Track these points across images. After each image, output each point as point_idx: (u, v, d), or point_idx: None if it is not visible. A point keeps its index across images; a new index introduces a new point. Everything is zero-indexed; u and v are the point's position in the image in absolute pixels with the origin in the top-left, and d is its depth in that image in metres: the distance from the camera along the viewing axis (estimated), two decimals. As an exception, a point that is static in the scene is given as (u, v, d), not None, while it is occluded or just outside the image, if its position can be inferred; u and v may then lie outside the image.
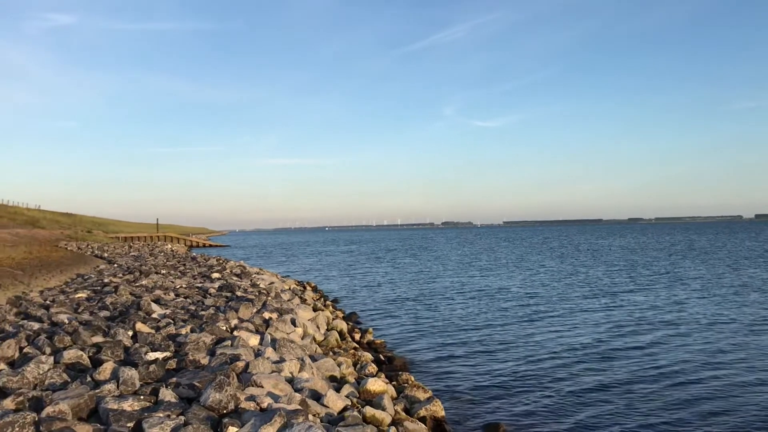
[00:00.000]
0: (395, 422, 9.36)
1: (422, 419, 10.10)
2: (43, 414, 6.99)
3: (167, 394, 7.91)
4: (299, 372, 10.56)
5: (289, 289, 25.79)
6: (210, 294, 19.53)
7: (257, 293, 20.18)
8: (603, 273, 40.66)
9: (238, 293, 19.52)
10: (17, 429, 6.56)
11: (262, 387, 8.89)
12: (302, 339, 14.68)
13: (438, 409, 10.56)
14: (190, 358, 10.00)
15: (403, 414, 10.14)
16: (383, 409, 9.65)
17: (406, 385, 12.05)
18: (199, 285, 22.29)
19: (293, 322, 15.62)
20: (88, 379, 8.61)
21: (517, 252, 73.75)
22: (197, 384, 8.38)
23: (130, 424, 7.04)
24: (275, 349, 11.75)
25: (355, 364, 13.51)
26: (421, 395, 11.19)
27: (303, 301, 23.17)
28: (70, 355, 9.64)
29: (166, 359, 10.03)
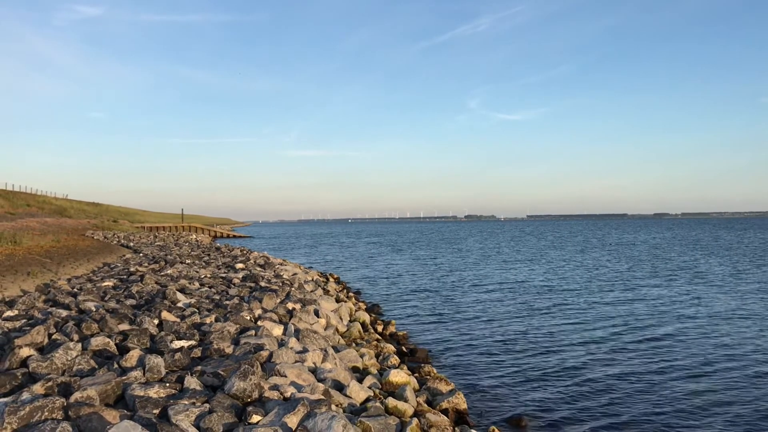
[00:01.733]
0: (417, 414, 9.38)
1: (444, 411, 10.11)
2: (72, 399, 7.12)
3: (192, 382, 8.00)
4: (322, 362, 10.62)
5: (312, 280, 25.90)
6: (234, 284, 19.68)
7: (281, 284, 20.30)
8: (626, 268, 40.30)
9: (262, 284, 19.65)
10: (46, 413, 6.68)
11: (285, 376, 8.96)
12: (325, 330, 14.76)
13: (460, 401, 10.56)
14: (215, 346, 10.10)
15: (425, 406, 10.14)
16: (405, 401, 9.68)
17: (428, 377, 12.06)
18: (224, 275, 22.47)
19: (316, 313, 15.71)
20: (115, 366, 8.74)
21: (540, 245, 73.32)
22: (222, 372, 8.47)
23: (156, 411, 7.14)
24: (298, 340, 11.83)
25: (377, 356, 13.56)
26: (444, 387, 11.19)
27: (326, 292, 23.27)
28: (97, 342, 9.79)
29: (191, 348, 10.15)
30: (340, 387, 9.53)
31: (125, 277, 20.98)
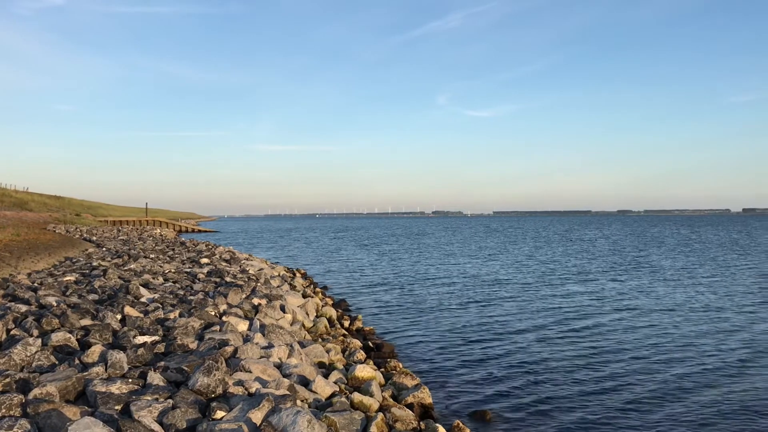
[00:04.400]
0: (383, 408, 9.40)
1: (410, 406, 10.15)
2: (30, 396, 6.98)
3: (155, 378, 7.91)
4: (288, 358, 10.59)
5: (279, 275, 25.78)
6: (199, 279, 19.49)
7: (246, 279, 20.16)
8: (587, 262, 40.97)
9: (227, 279, 19.49)
10: (4, 410, 6.55)
11: (250, 372, 8.91)
12: (291, 325, 14.71)
13: (425, 396, 10.61)
14: (179, 342, 10.00)
15: (391, 400, 10.18)
16: (371, 396, 9.70)
17: (394, 372, 12.10)
18: (188, 270, 22.23)
19: (282, 309, 15.64)
20: (76, 361, 8.60)
21: (506, 241, 74.02)
22: (185, 368, 8.39)
23: (118, 407, 7.04)
24: (264, 335, 11.77)
25: (343, 351, 13.56)
26: (409, 382, 11.23)
27: (292, 287, 23.18)
28: (58, 337, 9.62)
29: (154, 343, 10.03)
30: (305, 382, 9.51)
31: (88, 271, 20.64)
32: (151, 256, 28.83)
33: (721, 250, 54.91)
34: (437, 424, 8.80)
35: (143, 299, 14.49)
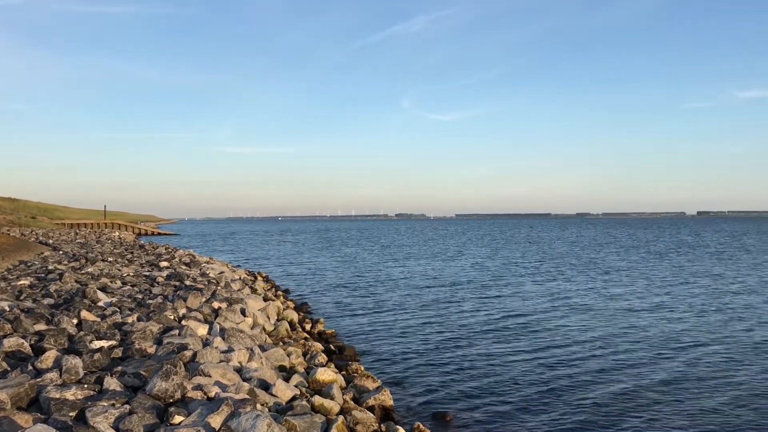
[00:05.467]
0: (344, 411, 9.39)
1: (371, 408, 10.16)
2: (-19, 403, 6.81)
3: (112, 383, 7.78)
4: (248, 362, 10.51)
5: (240, 278, 25.56)
6: (158, 283, 19.22)
7: (206, 282, 19.95)
8: (543, 263, 41.61)
9: (187, 282, 19.26)
10: (-47, 418, 6.37)
11: (209, 376, 8.82)
12: (252, 329, 14.60)
13: (386, 398, 10.64)
14: (137, 346, 9.85)
15: (352, 403, 10.18)
16: (332, 399, 9.68)
17: (355, 374, 12.09)
18: (147, 273, 21.91)
19: (243, 312, 15.51)
20: (30, 367, 8.39)
21: (467, 243, 74.59)
22: (143, 373, 8.27)
23: (73, 413, 6.90)
24: (224, 339, 11.66)
25: (305, 354, 13.51)
26: (371, 385, 11.25)
27: (253, 291, 23.00)
28: (10, 343, 9.38)
29: (111, 348, 9.86)
30: (265, 386, 9.45)
31: (43, 275, 20.17)
32: (110, 259, 28.33)
33: (673, 251, 56.32)
34: (398, 427, 8.84)
35: (101, 303, 14.24)
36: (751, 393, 12.19)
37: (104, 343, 10.03)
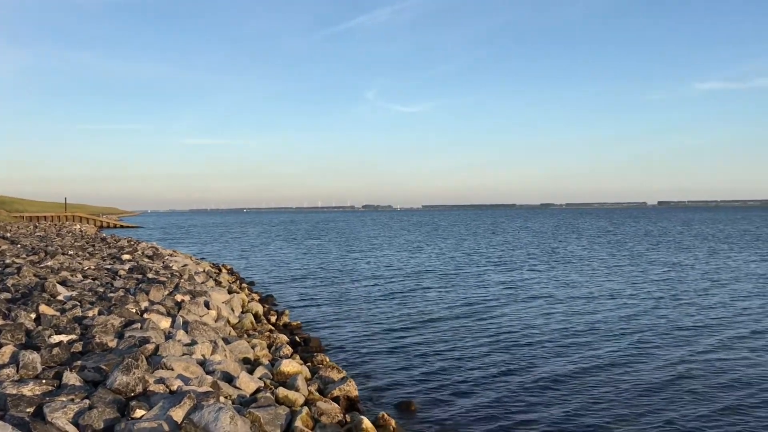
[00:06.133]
0: (308, 402, 9.40)
1: (336, 399, 10.18)
2: (-65, 400, 6.65)
3: (71, 378, 7.66)
4: (211, 354, 10.44)
5: (204, 271, 25.32)
6: (120, 276, 18.95)
7: (169, 275, 19.72)
8: (514, 254, 42.09)
9: (150, 275, 19.03)
10: None
11: (172, 369, 8.74)
12: (216, 321, 14.48)
13: (351, 388, 10.67)
14: (97, 340, 9.71)
15: (317, 394, 10.19)
16: (296, 390, 9.68)
17: (321, 366, 12.10)
18: (109, 266, 21.59)
19: (207, 305, 15.37)
20: (-15, 363, 8.23)
21: (433, 234, 74.98)
22: (104, 367, 8.17)
23: (30, 410, 6.78)
24: (187, 332, 11.55)
25: (269, 346, 13.46)
26: (336, 375, 11.27)
27: (218, 283, 22.81)
28: (-35, 339, 9.18)
29: (71, 342, 9.71)
30: (229, 379, 9.40)
31: (0, 269, 19.72)
32: (70, 252, 27.83)
33: (632, 239, 57.44)
34: (362, 417, 8.87)
35: (60, 297, 13.99)
36: (697, 369, 12.85)
37: (64, 338, 9.87)
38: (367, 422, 8.70)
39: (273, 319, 18.05)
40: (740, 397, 11.21)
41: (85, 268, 20.93)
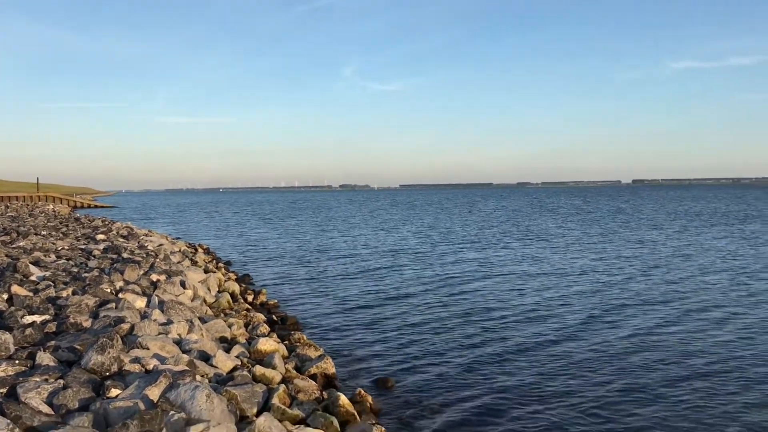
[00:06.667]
0: (285, 380, 9.43)
1: (313, 377, 10.23)
2: None
3: (45, 358, 7.60)
4: (188, 333, 10.41)
5: (180, 251, 25.15)
6: (94, 256, 18.76)
7: (145, 255, 19.58)
8: (490, 232, 42.38)
9: (125, 255, 18.87)
10: None
11: (147, 349, 8.71)
12: (192, 301, 14.43)
13: (329, 366, 10.72)
14: (72, 321, 9.63)
15: (294, 372, 10.22)
16: (273, 368, 9.70)
17: (298, 344, 12.12)
18: (83, 246, 21.36)
19: (182, 284, 15.29)
20: (-43, 344, 8.13)
21: (410, 213, 75.16)
22: (78, 347, 8.11)
23: (3, 390, 6.72)
24: (163, 311, 11.50)
25: (246, 325, 13.44)
26: (313, 353, 11.31)
27: (194, 263, 22.68)
28: (-64, 320, 9.05)
29: (44, 322, 9.62)
30: (206, 357, 9.39)
31: (-30, 250, 19.42)
32: (43, 232, 27.47)
33: (607, 217, 58.18)
34: (339, 393, 8.92)
35: (33, 277, 13.84)
36: (664, 339, 13.24)
37: (37, 318, 9.78)
38: (344, 399, 8.76)
39: (250, 298, 18.02)
40: (703, 364, 11.63)
41: (59, 248, 20.69)
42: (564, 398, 10.13)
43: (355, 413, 8.64)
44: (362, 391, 9.57)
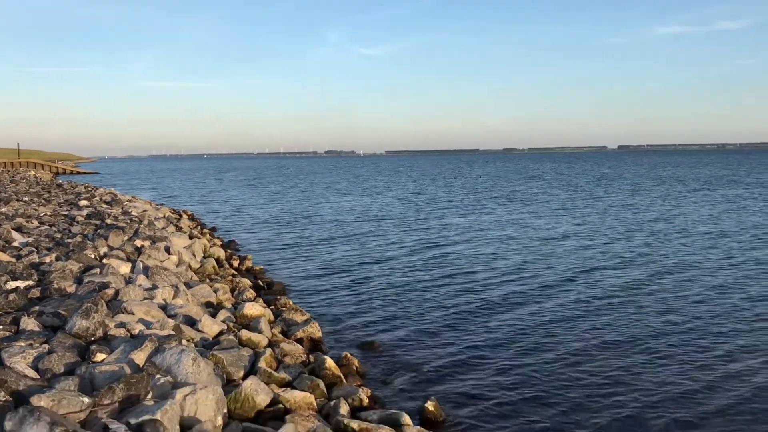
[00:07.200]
0: (272, 344, 9.47)
1: (299, 340, 10.28)
2: None
3: (29, 323, 7.58)
4: (173, 299, 10.40)
5: (164, 217, 25.02)
6: (77, 222, 18.62)
7: (129, 221, 19.46)
8: (473, 197, 42.50)
9: (108, 221, 18.73)
10: None
11: (132, 314, 8.69)
12: (177, 266, 14.39)
13: (315, 330, 10.78)
14: (56, 286, 9.59)
15: (280, 336, 10.27)
16: (260, 332, 9.74)
17: (284, 309, 12.17)
18: (66, 213, 21.18)
19: (167, 250, 15.23)
20: (-61, 310, 8.08)
21: (394, 179, 75.09)
22: (62, 312, 8.08)
23: (-12, 355, 6.70)
24: (148, 277, 11.46)
25: (232, 291, 13.44)
26: (299, 318, 11.36)
27: (178, 229, 22.58)
28: None
29: (28, 288, 9.57)
30: (192, 322, 9.39)
31: (-49, 216, 19.21)
32: (25, 199, 27.20)
33: (592, 183, 58.50)
34: (325, 356, 8.98)
35: (16, 243, 13.73)
36: (644, 298, 13.74)
37: (20, 284, 9.73)
38: (330, 362, 8.82)
39: (235, 263, 18.01)
40: (678, 321, 11.99)
41: (41, 214, 20.51)
42: (543, 353, 10.47)
43: (342, 376, 8.71)
44: (348, 354, 9.64)
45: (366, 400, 7.84)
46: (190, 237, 20.54)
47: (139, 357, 6.82)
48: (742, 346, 10.64)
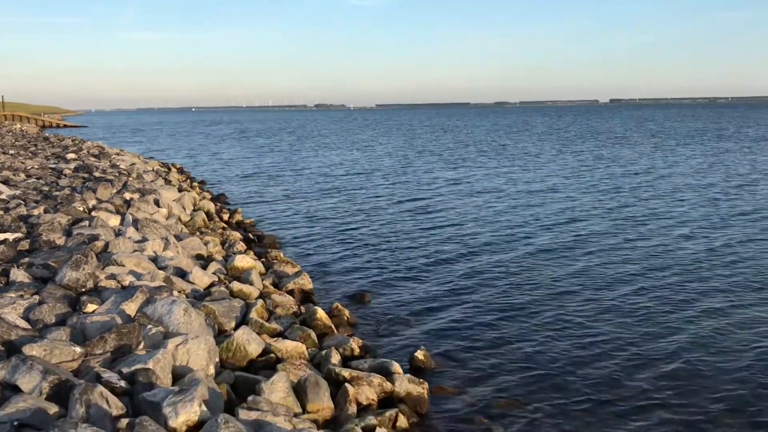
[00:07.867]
0: (263, 295, 9.53)
1: (290, 292, 10.33)
2: None
3: (19, 275, 7.56)
4: (163, 251, 10.39)
5: (153, 170, 24.85)
6: (65, 175, 18.48)
7: (117, 174, 19.32)
8: (463, 152, 42.42)
9: (96, 174, 18.60)
10: None
11: (123, 266, 8.69)
12: (167, 219, 14.34)
13: (306, 282, 10.83)
14: (45, 238, 9.56)
15: (272, 288, 10.33)
16: (251, 284, 9.78)
17: (275, 261, 12.20)
18: (53, 166, 21.01)
19: (157, 203, 15.15)
20: (-72, 262, 8.04)
21: (383, 132, 74.66)
22: (52, 264, 8.07)
23: (-22, 306, 6.70)
24: (137, 229, 11.43)
25: (223, 243, 13.43)
26: (290, 270, 11.39)
27: (167, 182, 22.44)
28: None
29: (17, 240, 9.53)
30: (182, 274, 9.41)
31: (-64, 170, 19.00)
32: (11, 152, 26.92)
33: (582, 137, 58.47)
34: (316, 307, 9.05)
35: (3, 196, 13.63)
36: (632, 254, 13.76)
37: (9, 236, 9.68)
38: (321, 312, 8.89)
39: (225, 217, 17.97)
40: (666, 275, 12.08)
41: (28, 167, 20.32)
42: (531, 302, 10.61)
43: (332, 326, 8.79)
44: (339, 305, 9.72)
45: (357, 350, 7.92)
46: (180, 190, 20.44)
47: (130, 308, 6.84)
48: (721, 290, 10.98)
